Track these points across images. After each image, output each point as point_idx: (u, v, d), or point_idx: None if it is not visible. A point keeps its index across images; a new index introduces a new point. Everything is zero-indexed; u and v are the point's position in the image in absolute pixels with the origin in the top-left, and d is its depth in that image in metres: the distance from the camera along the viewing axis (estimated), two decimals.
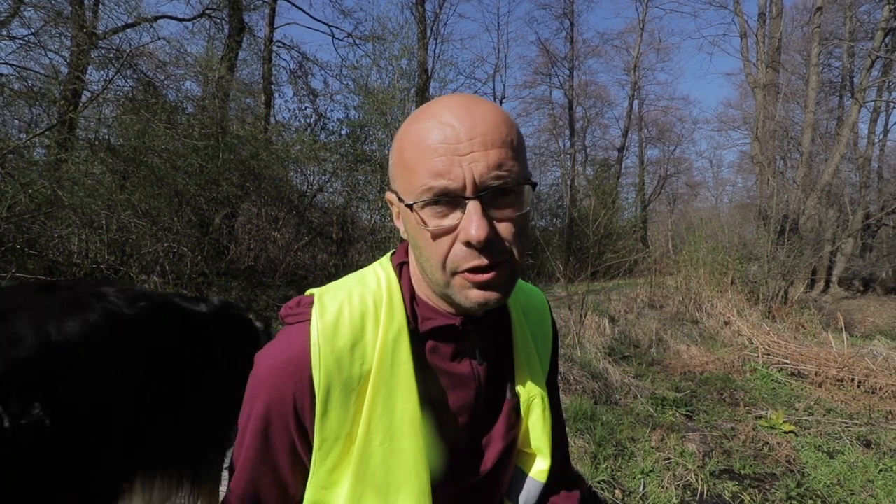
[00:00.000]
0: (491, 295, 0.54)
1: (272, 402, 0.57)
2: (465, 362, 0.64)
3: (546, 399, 0.71)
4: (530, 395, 0.69)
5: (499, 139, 0.51)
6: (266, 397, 0.57)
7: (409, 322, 0.60)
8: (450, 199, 0.51)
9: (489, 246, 0.51)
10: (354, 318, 0.58)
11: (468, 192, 0.50)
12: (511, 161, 0.52)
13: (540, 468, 0.71)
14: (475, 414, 0.65)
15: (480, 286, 0.53)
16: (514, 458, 0.71)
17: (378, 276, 0.63)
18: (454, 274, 0.54)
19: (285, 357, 0.57)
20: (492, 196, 0.51)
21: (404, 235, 0.60)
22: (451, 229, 0.52)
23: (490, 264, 0.52)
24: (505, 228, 0.53)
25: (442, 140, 0.51)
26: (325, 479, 0.58)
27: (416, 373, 0.59)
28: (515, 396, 0.69)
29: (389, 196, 0.60)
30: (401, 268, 0.65)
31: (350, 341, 0.57)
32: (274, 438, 0.58)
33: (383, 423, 0.57)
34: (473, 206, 0.50)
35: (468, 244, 0.51)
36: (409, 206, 0.53)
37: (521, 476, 0.72)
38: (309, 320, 0.58)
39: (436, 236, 0.53)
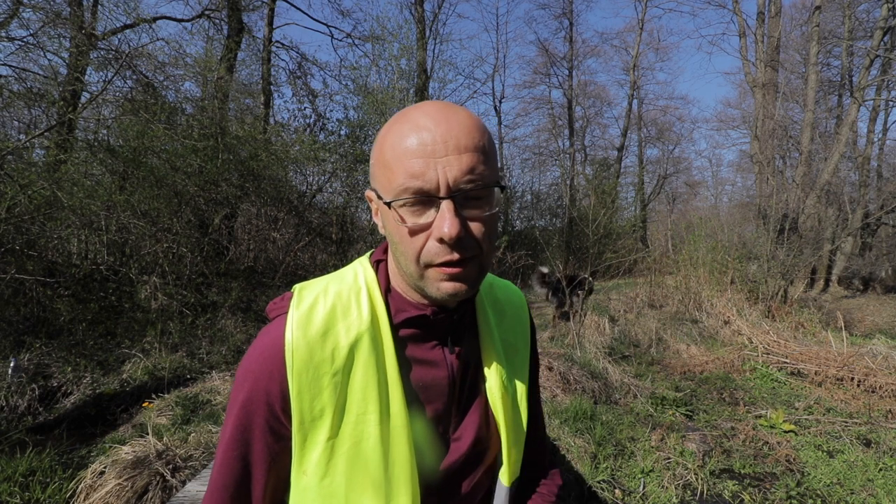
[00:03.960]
0: (460, 286, 0.58)
1: (252, 389, 0.61)
2: (437, 351, 0.67)
3: (518, 395, 0.74)
4: (504, 390, 0.71)
5: (472, 144, 0.55)
6: (248, 385, 0.61)
7: (386, 312, 0.65)
8: (425, 199, 0.55)
9: (460, 242, 0.55)
10: (327, 308, 0.63)
11: (442, 193, 0.54)
12: (482, 166, 0.56)
13: (502, 470, 0.73)
14: (448, 403, 0.68)
15: (451, 278, 0.57)
16: (487, 457, 0.72)
17: (355, 272, 0.68)
18: (427, 267, 0.58)
19: (264, 346, 0.62)
20: (463, 197, 0.56)
21: (382, 231, 0.64)
22: (426, 227, 0.56)
23: (461, 259, 0.56)
24: (475, 227, 0.57)
25: (419, 143, 0.54)
26: (305, 463, 0.61)
27: (391, 359, 0.63)
28: (488, 389, 0.72)
29: (369, 194, 0.64)
30: (378, 264, 0.69)
31: (322, 329, 0.61)
32: (254, 423, 0.61)
33: (362, 405, 0.61)
34: (447, 206, 0.54)
35: (441, 240, 0.55)
36: (388, 204, 0.57)
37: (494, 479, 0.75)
38: (287, 312, 0.63)
39: (412, 233, 0.56)
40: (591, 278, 7.39)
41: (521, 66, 53.36)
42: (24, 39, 6.39)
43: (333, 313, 0.63)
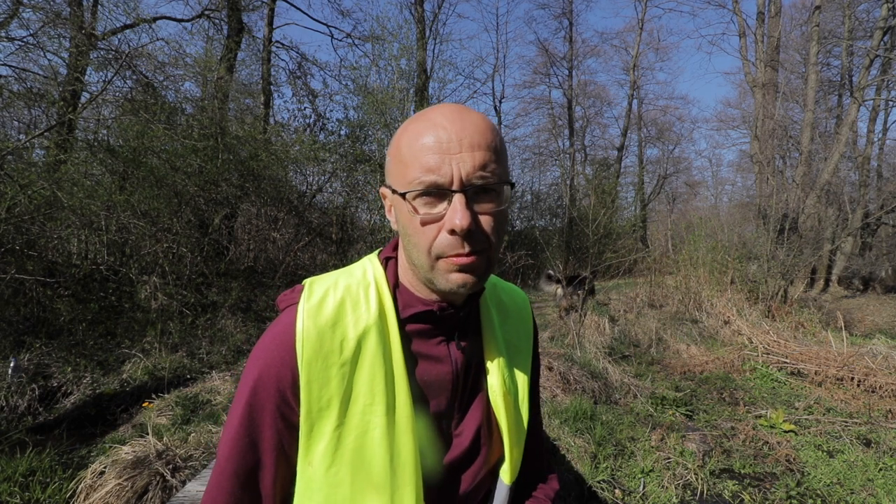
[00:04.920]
0: (469, 278, 0.60)
1: (261, 376, 0.62)
2: (442, 347, 0.69)
3: (520, 395, 0.75)
4: (506, 389, 0.72)
5: (484, 143, 0.58)
6: (256, 372, 0.62)
7: (394, 307, 0.67)
8: (438, 192, 0.58)
9: (470, 235, 0.58)
10: (337, 301, 0.65)
11: (455, 187, 0.57)
12: (493, 163, 0.59)
13: (504, 468, 0.74)
14: (451, 399, 0.69)
15: (460, 269, 0.59)
16: (487, 454, 0.72)
17: (364, 268, 0.71)
18: (438, 258, 0.60)
19: (275, 333, 0.64)
20: (475, 192, 0.58)
21: (394, 226, 0.66)
22: (438, 218, 0.58)
23: (470, 251, 0.58)
24: (485, 221, 0.59)
25: (435, 140, 0.57)
26: (311, 454, 0.61)
27: (398, 352, 0.65)
28: (490, 388, 0.73)
29: (384, 190, 0.67)
30: (387, 261, 0.71)
31: (332, 320, 0.63)
32: (265, 408, 0.62)
33: (368, 397, 0.62)
34: (458, 199, 0.57)
35: (452, 232, 0.57)
36: (402, 196, 0.59)
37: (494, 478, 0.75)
38: (298, 303, 0.65)
39: (424, 223, 0.59)
40: (591, 276, 7.52)
41: (521, 66, 53.50)
42: (24, 39, 6.39)
43: (343, 306, 0.64)
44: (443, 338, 0.69)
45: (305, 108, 12.02)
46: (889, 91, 15.81)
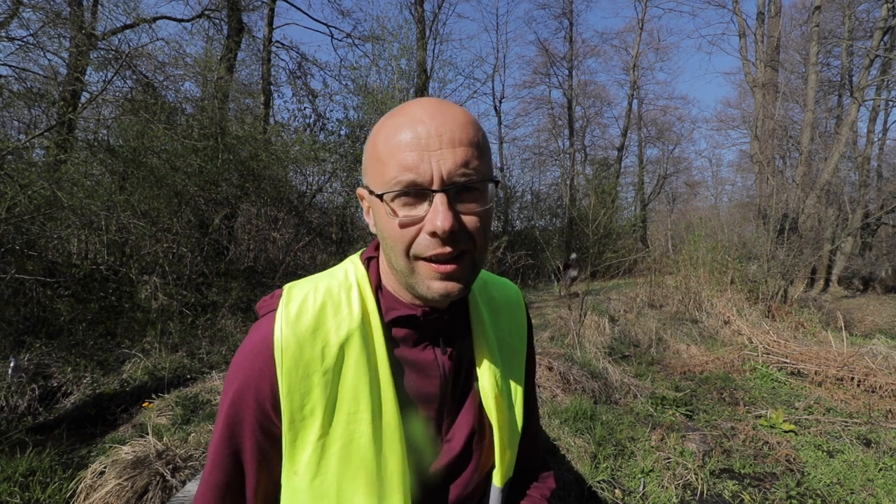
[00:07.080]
0: (452, 286, 0.57)
1: (241, 387, 0.60)
2: (428, 351, 0.66)
3: (513, 395, 0.73)
4: (499, 391, 0.69)
5: (466, 139, 0.55)
6: (237, 384, 0.60)
7: (377, 310, 0.64)
8: (418, 192, 0.54)
9: (453, 236, 0.54)
10: (317, 305, 0.62)
11: (435, 186, 0.53)
12: (476, 160, 0.55)
13: (495, 471, 0.71)
14: (440, 404, 0.67)
15: (442, 277, 0.56)
16: (480, 458, 0.70)
17: (346, 269, 0.67)
18: (417, 259, 0.56)
19: (253, 343, 0.61)
20: (457, 191, 0.55)
21: (373, 229, 0.63)
22: (418, 220, 0.55)
23: (453, 253, 0.55)
24: (469, 221, 0.56)
25: (413, 136, 0.54)
26: (297, 463, 0.60)
27: (382, 357, 0.62)
28: (479, 389, 0.70)
29: (361, 191, 0.64)
30: (368, 261, 0.68)
31: (312, 326, 0.60)
32: (244, 421, 0.60)
33: (353, 404, 0.59)
34: (440, 199, 0.53)
35: (433, 234, 0.54)
36: (380, 197, 0.56)
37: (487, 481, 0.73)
38: (276, 310, 0.62)
39: (403, 225, 0.55)
40: (574, 256, 7.84)
41: (521, 66, 53.61)
42: (24, 39, 6.39)
43: (324, 310, 0.61)
44: (429, 342, 0.66)
45: (305, 108, 12.00)
46: (889, 91, 15.81)
